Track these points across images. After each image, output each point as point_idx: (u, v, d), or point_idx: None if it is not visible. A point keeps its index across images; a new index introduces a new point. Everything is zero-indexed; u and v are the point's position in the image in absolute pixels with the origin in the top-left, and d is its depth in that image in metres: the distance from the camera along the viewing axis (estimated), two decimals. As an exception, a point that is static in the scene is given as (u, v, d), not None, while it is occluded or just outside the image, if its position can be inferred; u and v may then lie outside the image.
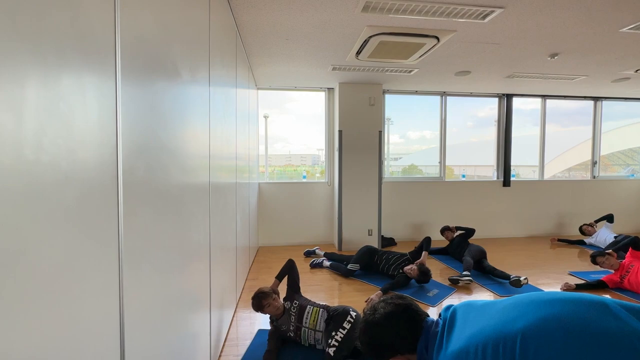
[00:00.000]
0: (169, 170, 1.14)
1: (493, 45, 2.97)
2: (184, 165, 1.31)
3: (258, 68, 3.68)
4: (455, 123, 5.14)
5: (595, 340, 0.61)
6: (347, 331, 1.89)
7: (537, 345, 0.63)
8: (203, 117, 1.63)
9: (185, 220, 1.31)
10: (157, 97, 1.04)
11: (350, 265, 3.40)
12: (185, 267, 1.33)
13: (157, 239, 1.02)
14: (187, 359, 1.34)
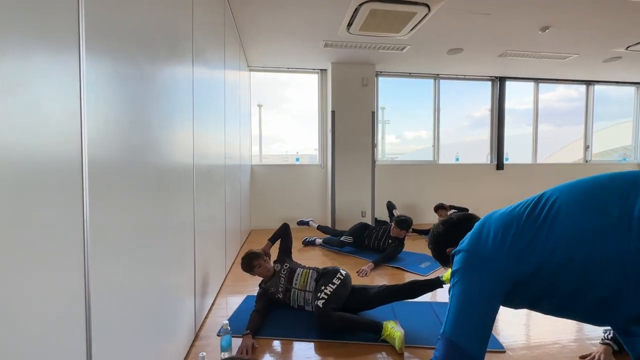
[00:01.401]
0: (145, 152, 1.10)
1: (484, 16, 2.96)
2: (163, 147, 1.27)
3: (250, 47, 3.65)
4: (451, 123, 5.16)
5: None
6: (336, 286, 1.86)
7: (557, 196, 0.70)
8: (185, 98, 1.58)
9: (164, 204, 1.27)
10: (130, 74, 0.98)
11: (344, 237, 3.40)
12: (166, 252, 1.29)
13: (131, 224, 0.98)
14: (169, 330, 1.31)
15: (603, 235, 0.58)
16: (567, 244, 0.62)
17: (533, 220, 0.69)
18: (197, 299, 1.79)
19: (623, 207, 0.57)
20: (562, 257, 0.63)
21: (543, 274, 0.66)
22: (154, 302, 1.17)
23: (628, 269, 0.55)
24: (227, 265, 2.78)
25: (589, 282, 0.61)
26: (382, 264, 2.92)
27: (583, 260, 0.60)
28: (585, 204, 0.62)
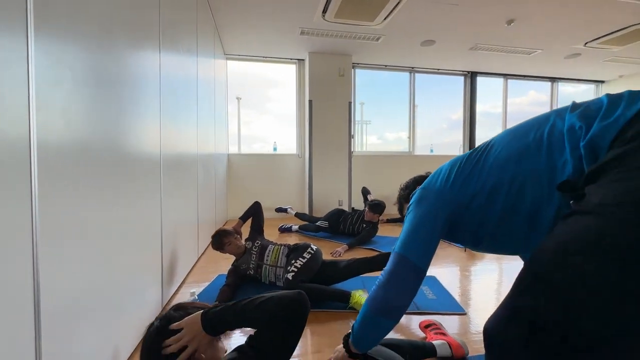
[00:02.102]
0: (105, 138, 1.08)
1: (453, 8, 3.08)
2: (126, 134, 1.25)
3: (226, 32, 3.61)
4: (431, 124, 5.32)
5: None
6: (306, 260, 1.89)
7: (495, 137, 0.80)
8: (152, 84, 1.55)
9: (126, 191, 1.25)
10: (86, 57, 0.96)
11: (320, 222, 3.44)
12: (129, 236, 1.28)
13: (84, 218, 0.96)
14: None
15: (522, 158, 0.65)
16: (496, 171, 0.70)
17: (473, 157, 0.78)
18: (165, 277, 1.77)
19: (536, 133, 0.65)
20: (492, 182, 0.69)
21: (478, 200, 0.72)
22: (112, 283, 1.16)
23: (543, 184, 0.61)
24: (200, 250, 2.75)
25: (514, 203, 0.67)
26: (356, 246, 2.97)
27: (508, 183, 0.67)
28: (511, 136, 0.70)
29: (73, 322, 0.91)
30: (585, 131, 0.57)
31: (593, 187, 0.51)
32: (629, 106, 0.54)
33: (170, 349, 0.74)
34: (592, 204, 0.50)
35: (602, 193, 0.49)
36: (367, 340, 0.90)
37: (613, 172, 0.49)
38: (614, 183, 0.48)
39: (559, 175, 0.60)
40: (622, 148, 0.50)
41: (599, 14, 3.18)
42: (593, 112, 0.58)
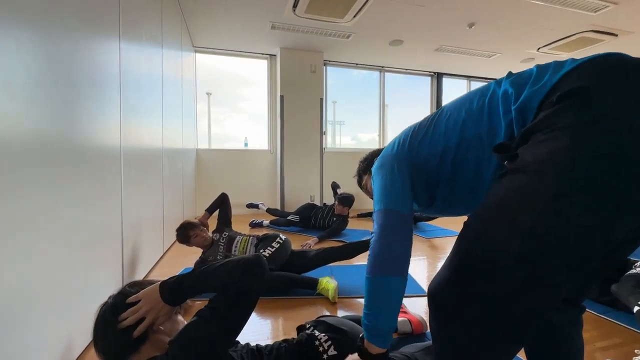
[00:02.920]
0: (55, 131, 1.02)
1: (420, 9, 3.20)
2: (80, 128, 1.19)
3: (194, 24, 3.52)
4: (401, 123, 5.50)
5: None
6: (275, 249, 1.89)
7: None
8: (111, 74, 1.49)
9: (81, 189, 1.19)
10: (31, 45, 0.90)
11: (291, 216, 3.45)
12: (83, 240, 1.22)
13: (33, 213, 0.91)
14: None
15: (467, 123, 0.70)
16: (445, 136, 0.74)
17: (425, 124, 0.83)
18: (126, 272, 1.70)
19: (479, 100, 0.70)
20: (442, 146, 0.74)
21: (432, 163, 0.76)
22: (65, 277, 1.11)
23: (484, 146, 0.67)
24: (166, 245, 2.66)
25: (460, 166, 0.72)
26: (326, 239, 3.01)
27: (455, 147, 0.72)
28: (459, 104, 0.76)
29: (19, 317, 0.86)
30: (516, 96, 0.62)
31: (524, 147, 0.56)
32: (555, 73, 0.59)
33: (126, 322, 0.71)
34: (522, 163, 0.55)
35: (531, 152, 0.54)
36: (380, 319, 0.74)
37: (541, 133, 0.54)
38: (541, 143, 0.53)
39: (497, 138, 0.65)
40: (548, 111, 0.55)
41: (550, 21, 3.45)
42: (524, 80, 0.63)
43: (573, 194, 0.49)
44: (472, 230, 0.60)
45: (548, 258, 0.51)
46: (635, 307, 1.15)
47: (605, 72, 0.54)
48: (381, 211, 0.79)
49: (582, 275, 0.56)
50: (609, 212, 0.49)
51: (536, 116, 0.58)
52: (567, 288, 0.54)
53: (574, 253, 0.50)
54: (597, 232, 0.49)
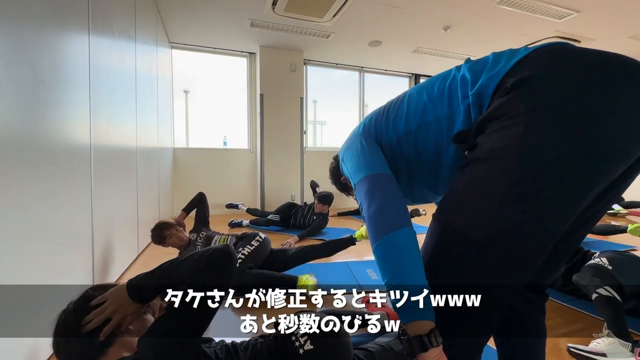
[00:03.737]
0: (18, 127, 0.96)
1: (398, 10, 3.27)
2: (46, 124, 1.14)
3: (170, 19, 3.42)
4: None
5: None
6: (254, 247, 1.87)
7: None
8: (79, 68, 1.43)
9: (46, 189, 1.13)
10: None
11: (271, 216, 3.43)
12: (49, 243, 1.17)
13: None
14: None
15: (428, 107, 0.72)
16: (406, 120, 0.75)
17: (389, 105, 0.83)
18: (97, 275, 1.64)
19: (440, 84, 0.71)
20: (405, 129, 0.75)
21: (394, 147, 0.77)
22: (31, 281, 1.06)
23: (443, 130, 0.69)
24: (141, 246, 2.58)
25: (421, 151, 0.73)
26: (307, 237, 3.01)
27: (416, 130, 0.73)
28: (421, 88, 0.76)
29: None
30: (473, 82, 0.64)
31: (482, 137, 0.59)
32: (509, 60, 0.61)
33: (91, 325, 0.67)
34: (481, 152, 0.58)
35: (489, 141, 0.57)
36: (409, 283, 0.58)
37: (497, 121, 0.57)
38: (498, 131, 0.56)
39: (455, 122, 0.67)
40: (502, 98, 0.57)
41: (520, 27, 3.61)
42: (481, 66, 0.66)
43: (532, 177, 0.52)
44: (439, 223, 0.62)
45: (512, 242, 0.54)
46: (594, 294, 1.23)
47: (554, 60, 0.57)
48: (362, 179, 0.71)
49: (545, 256, 0.58)
50: (567, 189, 0.52)
51: (492, 102, 0.60)
52: (530, 273, 0.57)
53: (536, 235, 0.53)
54: (555, 209, 0.53)
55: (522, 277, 0.57)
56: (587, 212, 0.63)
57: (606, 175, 0.54)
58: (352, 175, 0.76)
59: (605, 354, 1.07)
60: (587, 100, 0.52)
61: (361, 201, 0.70)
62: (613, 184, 0.59)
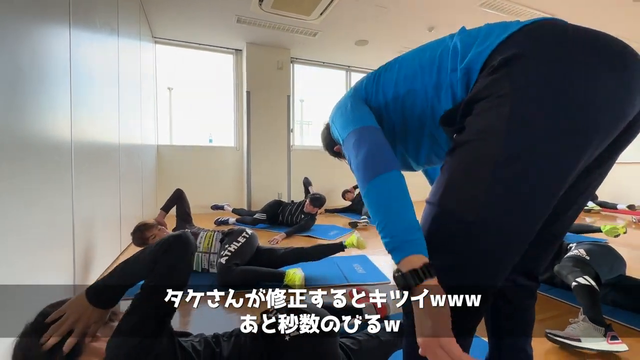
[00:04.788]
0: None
1: (384, 10, 3.32)
2: (23, 119, 1.09)
3: (154, 12, 3.35)
4: None
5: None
6: (241, 244, 1.86)
7: None
8: (60, 62, 1.38)
9: (23, 187, 1.08)
10: None
11: (258, 214, 3.40)
12: (27, 242, 1.12)
13: None
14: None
15: (417, 75, 0.71)
16: (396, 84, 0.75)
17: (382, 69, 0.81)
18: (78, 274, 1.59)
19: (431, 52, 0.71)
20: (393, 94, 0.75)
21: (383, 112, 0.77)
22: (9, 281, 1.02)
23: (429, 100, 0.69)
24: (123, 245, 2.51)
25: (407, 115, 0.73)
26: (294, 234, 3.01)
27: (403, 96, 0.73)
28: (413, 55, 0.75)
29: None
30: (463, 55, 0.64)
31: (469, 118, 0.59)
32: (499, 35, 0.60)
33: (51, 341, 0.62)
34: (468, 135, 0.58)
35: (477, 122, 0.57)
36: (399, 221, 0.58)
37: (484, 101, 0.57)
38: (485, 113, 0.56)
39: (441, 93, 0.66)
40: (489, 77, 0.57)
41: (500, 28, 3.73)
42: (472, 39, 0.65)
43: (519, 156, 0.53)
44: (431, 207, 0.62)
45: (503, 220, 0.54)
46: (573, 283, 1.29)
47: (543, 39, 0.57)
48: (351, 133, 0.70)
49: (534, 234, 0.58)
50: (554, 166, 0.53)
51: (478, 79, 0.60)
52: (520, 252, 0.58)
53: (527, 211, 0.54)
54: (543, 185, 0.54)
55: (513, 255, 0.58)
56: (573, 193, 0.64)
57: (591, 147, 0.54)
58: (341, 131, 0.75)
59: (579, 339, 1.12)
60: (574, 80, 0.52)
61: (349, 154, 0.69)
62: (597, 162, 0.60)
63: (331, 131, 0.90)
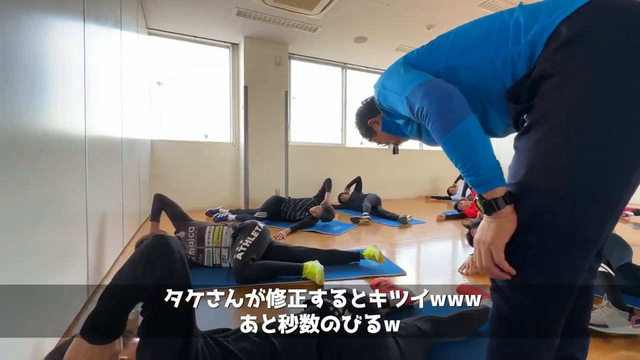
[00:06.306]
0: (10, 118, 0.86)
1: (385, 7, 3.34)
2: (39, 115, 1.03)
3: (150, 1, 3.24)
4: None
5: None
6: (255, 239, 1.83)
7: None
8: (74, 58, 1.33)
9: (41, 186, 1.03)
10: None
11: (258, 213, 3.34)
12: (46, 236, 1.07)
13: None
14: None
15: (474, 46, 0.70)
16: (450, 53, 0.74)
17: (436, 40, 0.81)
18: (91, 270, 1.52)
19: (490, 26, 0.69)
20: (446, 63, 0.74)
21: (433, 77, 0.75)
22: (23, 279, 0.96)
23: (486, 72, 0.68)
24: (125, 240, 2.42)
25: (460, 87, 0.70)
26: (298, 230, 2.99)
27: (458, 65, 0.72)
28: (470, 27, 0.75)
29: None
30: (527, 29, 0.61)
31: (539, 97, 0.58)
32: (567, 8, 0.57)
33: None
34: (540, 115, 0.57)
35: (548, 101, 0.56)
36: (482, 161, 0.62)
37: (555, 78, 0.55)
38: (556, 91, 0.55)
39: (500, 66, 0.65)
40: (558, 53, 0.55)
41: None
42: (536, 12, 0.62)
43: (600, 143, 0.52)
44: (515, 187, 0.61)
45: (593, 190, 0.54)
46: None
47: (615, 12, 0.54)
48: (415, 87, 0.70)
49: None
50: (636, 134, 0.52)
51: (543, 53, 0.58)
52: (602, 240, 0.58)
53: (619, 178, 0.54)
54: (624, 172, 0.54)
55: (596, 243, 0.57)
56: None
57: None
58: (401, 91, 0.75)
59: (607, 325, 1.17)
60: None
61: (418, 107, 0.69)
62: None
63: (378, 102, 0.90)
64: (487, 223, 0.62)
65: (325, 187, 3.54)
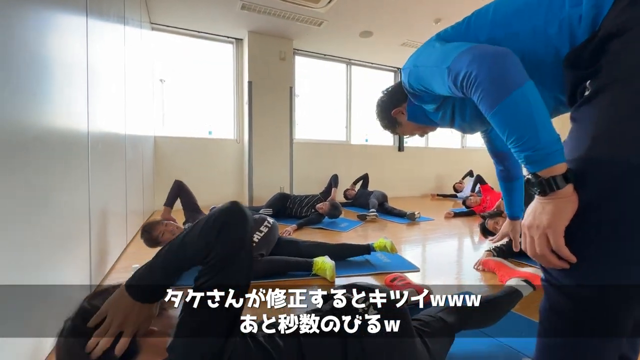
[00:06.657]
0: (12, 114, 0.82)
1: (390, 0, 3.28)
2: (42, 111, 0.99)
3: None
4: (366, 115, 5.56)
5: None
6: (264, 234, 1.78)
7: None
8: (77, 53, 1.30)
9: (44, 183, 0.99)
10: None
11: (263, 210, 3.29)
12: (48, 233, 1.03)
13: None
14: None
15: (521, 14, 0.65)
16: (492, 25, 0.70)
17: (473, 14, 0.77)
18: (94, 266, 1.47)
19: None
20: (488, 37, 0.69)
21: None
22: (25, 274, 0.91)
23: (539, 42, 0.62)
24: (129, 236, 2.38)
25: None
26: (304, 227, 2.94)
27: (502, 37, 0.67)
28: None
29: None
30: None
31: (608, 58, 0.50)
32: None
33: (98, 349, 0.54)
34: (611, 79, 0.49)
35: (622, 62, 0.49)
36: (541, 133, 0.54)
37: (626, 35, 0.48)
38: (630, 49, 0.48)
39: (555, 32, 0.59)
40: (631, 7, 0.48)
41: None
42: None
43: None
44: (578, 163, 0.53)
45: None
46: None
47: None
48: (459, 55, 0.63)
49: None
50: None
51: (612, 10, 0.51)
52: None
53: None
54: None
55: None
56: None
57: None
58: (441, 62, 0.68)
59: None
60: None
61: (465, 73, 0.61)
62: None
63: (408, 81, 0.83)
64: (542, 205, 0.54)
65: (331, 183, 3.48)
